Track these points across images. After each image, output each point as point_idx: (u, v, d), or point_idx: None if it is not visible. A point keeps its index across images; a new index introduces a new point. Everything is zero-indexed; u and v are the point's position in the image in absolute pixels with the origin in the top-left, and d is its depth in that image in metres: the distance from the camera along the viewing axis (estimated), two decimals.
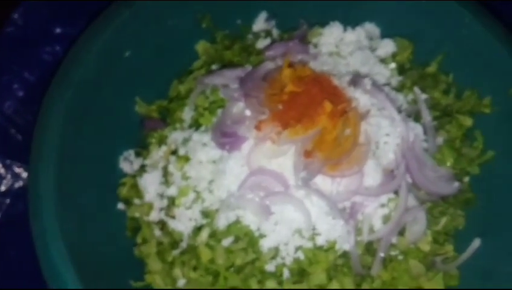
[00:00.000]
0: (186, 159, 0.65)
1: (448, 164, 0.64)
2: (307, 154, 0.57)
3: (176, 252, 0.63)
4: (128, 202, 0.67)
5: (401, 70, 0.71)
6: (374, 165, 0.60)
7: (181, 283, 0.62)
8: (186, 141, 0.66)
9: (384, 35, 0.74)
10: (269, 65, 0.66)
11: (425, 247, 0.61)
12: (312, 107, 0.58)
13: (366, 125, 0.60)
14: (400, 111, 0.63)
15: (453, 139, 0.66)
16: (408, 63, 0.73)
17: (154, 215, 0.66)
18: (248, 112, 0.62)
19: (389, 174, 0.61)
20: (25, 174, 0.77)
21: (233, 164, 0.61)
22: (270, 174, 0.59)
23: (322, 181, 0.58)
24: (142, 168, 0.68)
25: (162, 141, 0.68)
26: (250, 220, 0.60)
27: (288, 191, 0.59)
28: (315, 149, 0.57)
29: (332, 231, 0.59)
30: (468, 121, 0.68)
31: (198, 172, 0.63)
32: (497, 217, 0.64)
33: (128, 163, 0.69)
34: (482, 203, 0.67)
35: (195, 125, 0.67)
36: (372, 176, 0.60)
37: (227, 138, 0.62)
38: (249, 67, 0.67)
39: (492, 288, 0.60)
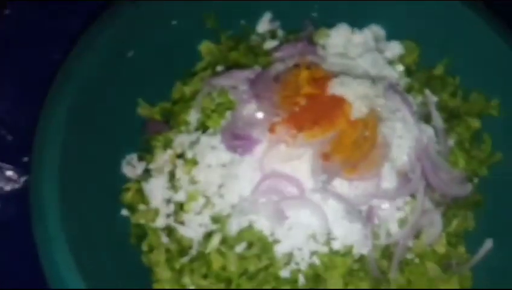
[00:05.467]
0: (194, 162, 0.63)
1: (461, 165, 0.64)
2: (325, 157, 0.56)
3: (184, 260, 0.61)
4: (132, 208, 0.65)
5: (407, 72, 0.71)
6: (389, 168, 0.59)
7: None
8: (193, 144, 0.64)
9: (389, 37, 0.74)
10: (280, 66, 0.64)
11: (441, 249, 0.60)
12: (330, 109, 0.57)
13: (383, 128, 0.59)
14: (414, 114, 0.62)
15: (462, 141, 0.66)
16: (414, 66, 0.72)
17: (161, 222, 0.64)
18: (261, 114, 0.61)
19: (404, 177, 0.60)
20: (15, 177, 0.73)
21: (246, 167, 0.59)
22: (284, 178, 0.58)
23: (339, 184, 0.57)
24: (146, 173, 0.66)
25: (167, 145, 0.66)
26: (264, 225, 0.59)
27: (304, 195, 0.58)
28: (333, 152, 0.56)
29: (349, 235, 0.58)
30: (476, 123, 0.68)
31: (207, 176, 0.62)
32: (505, 218, 0.64)
33: (131, 167, 0.66)
34: (489, 204, 0.67)
35: (202, 128, 0.65)
36: (388, 179, 0.59)
37: (239, 141, 0.60)
38: (257, 69, 0.66)
39: (504, 288, 0.61)
